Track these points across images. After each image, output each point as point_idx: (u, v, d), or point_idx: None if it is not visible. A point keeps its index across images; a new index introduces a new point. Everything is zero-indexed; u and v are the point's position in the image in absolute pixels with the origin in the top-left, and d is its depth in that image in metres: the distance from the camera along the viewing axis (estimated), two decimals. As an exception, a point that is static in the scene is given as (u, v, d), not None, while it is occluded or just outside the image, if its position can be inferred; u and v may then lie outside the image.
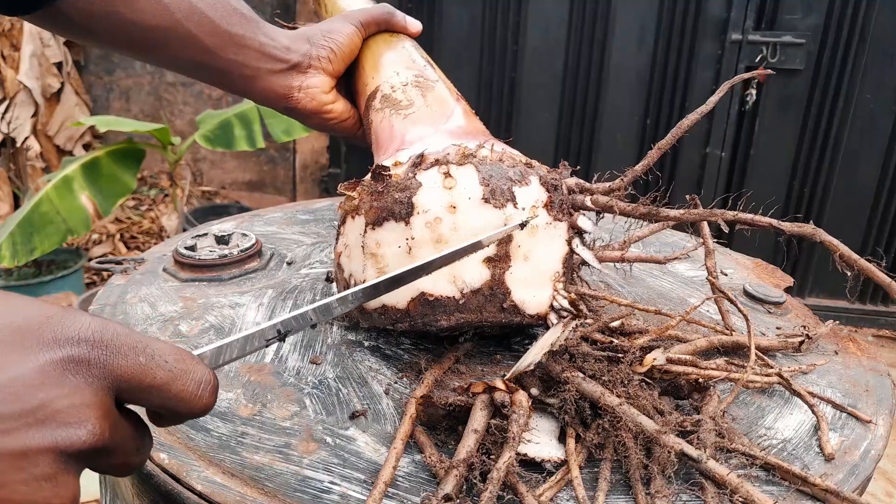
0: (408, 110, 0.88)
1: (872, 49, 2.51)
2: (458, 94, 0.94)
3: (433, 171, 0.73)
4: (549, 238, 0.75)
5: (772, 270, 1.11)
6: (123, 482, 0.71)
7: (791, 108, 2.63)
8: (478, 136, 0.82)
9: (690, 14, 2.58)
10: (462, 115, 0.88)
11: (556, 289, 0.76)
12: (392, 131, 0.87)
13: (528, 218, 0.73)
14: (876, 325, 2.85)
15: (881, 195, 2.67)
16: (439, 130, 0.84)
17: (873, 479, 0.74)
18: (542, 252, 0.75)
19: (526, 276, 0.74)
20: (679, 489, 0.61)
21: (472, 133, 0.84)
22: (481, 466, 0.60)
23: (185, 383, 0.41)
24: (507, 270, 0.73)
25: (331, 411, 0.71)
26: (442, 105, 0.89)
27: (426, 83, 0.92)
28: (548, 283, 0.76)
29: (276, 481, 0.61)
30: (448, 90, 0.92)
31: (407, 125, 0.86)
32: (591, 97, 2.76)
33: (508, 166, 0.74)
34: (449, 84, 0.95)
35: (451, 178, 0.72)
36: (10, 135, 3.44)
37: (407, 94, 0.90)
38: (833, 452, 0.69)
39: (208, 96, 3.70)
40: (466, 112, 0.89)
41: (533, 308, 0.75)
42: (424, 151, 0.76)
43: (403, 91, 0.91)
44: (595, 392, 0.65)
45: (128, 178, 2.64)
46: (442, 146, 0.78)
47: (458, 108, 0.88)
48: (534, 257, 0.74)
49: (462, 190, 0.72)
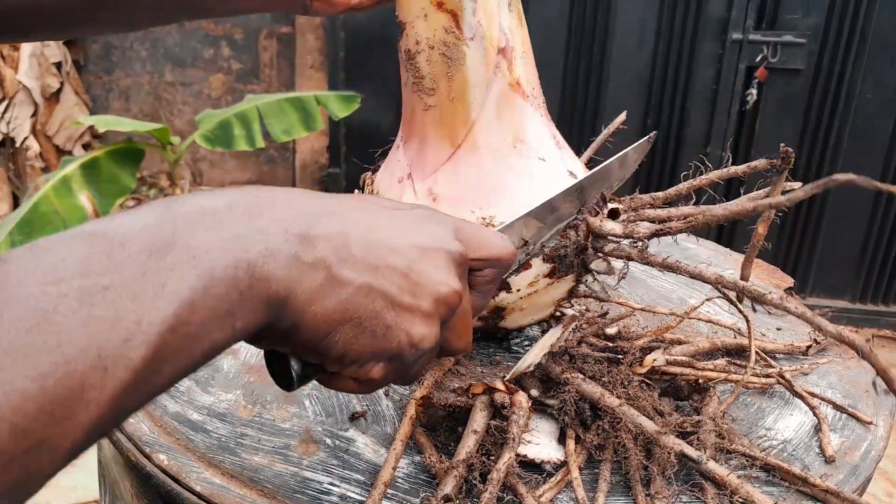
0: (428, 98, 0.69)
1: (873, 49, 2.50)
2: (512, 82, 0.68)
3: None
4: (552, 290, 0.75)
5: (772, 271, 1.11)
6: (123, 483, 0.71)
7: (791, 108, 2.63)
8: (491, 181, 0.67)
9: (691, 14, 2.58)
10: (485, 128, 0.68)
11: (559, 306, 0.78)
12: (411, 125, 0.72)
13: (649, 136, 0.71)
14: (876, 325, 2.85)
15: (881, 195, 2.67)
16: (448, 166, 0.69)
17: (874, 479, 0.74)
18: (542, 301, 0.75)
19: (523, 316, 0.76)
20: (679, 489, 0.61)
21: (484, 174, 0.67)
22: (481, 467, 0.60)
23: (491, 233, 0.53)
24: (501, 321, 0.75)
25: (330, 412, 0.70)
26: (465, 103, 0.68)
27: (456, 49, 0.66)
28: (550, 308, 0.77)
29: (275, 482, 0.61)
30: (483, 74, 0.67)
31: (426, 127, 0.70)
32: (591, 97, 2.76)
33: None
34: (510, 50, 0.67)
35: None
36: (10, 134, 3.44)
37: (432, 63, 0.67)
38: (834, 455, 0.69)
39: (208, 96, 3.70)
40: (496, 116, 0.68)
41: (534, 322, 0.78)
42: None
43: (428, 56, 0.67)
44: (595, 393, 0.64)
45: (127, 177, 2.64)
46: (448, 207, 0.66)
47: (486, 109, 0.68)
48: (531, 308, 0.76)
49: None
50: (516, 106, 0.69)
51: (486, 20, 0.66)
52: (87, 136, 3.67)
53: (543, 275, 0.72)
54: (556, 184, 0.68)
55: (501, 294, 0.71)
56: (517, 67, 0.69)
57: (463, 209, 0.67)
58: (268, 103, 2.78)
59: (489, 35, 0.67)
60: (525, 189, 0.68)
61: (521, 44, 0.70)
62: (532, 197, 0.66)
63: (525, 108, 0.70)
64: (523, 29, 0.70)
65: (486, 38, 0.67)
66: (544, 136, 0.72)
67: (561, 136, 0.76)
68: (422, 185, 0.70)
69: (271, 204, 0.42)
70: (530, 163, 0.70)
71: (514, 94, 0.69)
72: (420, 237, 0.47)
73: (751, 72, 2.58)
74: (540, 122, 0.71)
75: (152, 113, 3.73)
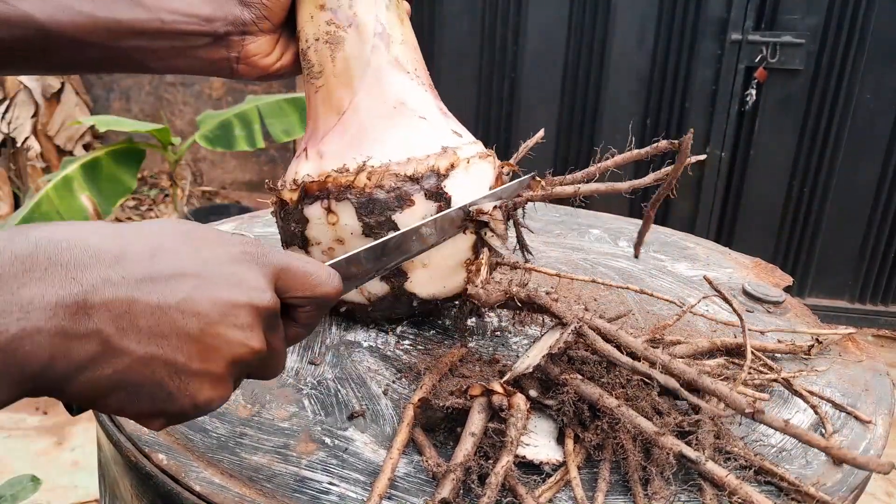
0: (317, 81, 0.78)
1: (872, 49, 2.50)
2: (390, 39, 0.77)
3: (317, 205, 0.75)
4: (450, 244, 0.75)
5: (771, 269, 1.11)
6: (122, 482, 0.71)
7: (791, 108, 2.63)
8: (371, 135, 0.75)
9: (690, 14, 2.58)
10: (366, 94, 0.76)
11: (469, 270, 0.78)
12: (309, 111, 0.80)
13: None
14: (876, 325, 2.85)
15: (881, 195, 2.67)
16: (335, 129, 0.76)
17: (873, 478, 0.74)
18: (442, 255, 0.76)
19: (429, 277, 0.77)
20: (678, 489, 0.61)
21: (365, 129, 0.75)
22: (479, 470, 0.60)
23: (318, 269, 0.52)
24: (406, 281, 0.77)
25: (329, 412, 0.71)
26: (347, 77, 0.77)
27: (336, 34, 0.77)
28: (459, 270, 0.78)
29: (274, 482, 0.61)
30: (361, 52, 0.76)
31: (317, 107, 0.79)
32: (591, 97, 2.76)
33: (387, 191, 0.72)
34: (384, 22, 0.77)
35: (333, 214, 0.74)
36: (11, 135, 3.44)
37: (318, 52, 0.78)
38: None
39: (208, 96, 3.70)
40: (376, 84, 0.76)
41: (448, 293, 0.79)
42: (305, 178, 0.75)
43: (315, 48, 0.78)
44: (594, 394, 0.64)
45: (128, 178, 2.64)
46: (332, 160, 0.75)
47: (367, 79, 0.76)
48: (434, 262, 0.76)
49: (344, 226, 0.74)
50: (396, 77, 0.77)
51: (362, 12, 0.77)
52: (87, 136, 3.67)
53: (432, 214, 0.73)
54: (435, 135, 0.76)
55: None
56: (395, 49, 0.78)
57: (347, 157, 0.74)
58: (268, 104, 2.78)
59: (364, 22, 0.77)
60: (403, 137, 0.75)
61: (401, 35, 0.79)
62: (408, 141, 0.75)
63: (406, 80, 0.78)
64: (404, 27, 0.80)
65: (361, 25, 0.77)
66: (428, 103, 0.79)
67: (449, 112, 0.82)
68: (312, 150, 0.77)
69: (48, 261, 0.39)
70: (411, 120, 0.77)
71: (393, 68, 0.77)
72: (224, 291, 0.45)
73: (750, 72, 2.58)
74: (423, 94, 0.79)
75: (153, 113, 3.73)
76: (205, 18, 0.74)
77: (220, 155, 3.79)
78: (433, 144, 0.75)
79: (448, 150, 0.75)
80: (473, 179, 0.76)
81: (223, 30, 0.75)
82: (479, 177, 0.77)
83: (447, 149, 0.75)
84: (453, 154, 0.75)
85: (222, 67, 0.78)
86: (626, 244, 1.16)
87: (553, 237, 1.17)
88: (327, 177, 0.74)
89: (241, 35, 0.76)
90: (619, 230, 1.22)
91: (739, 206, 2.75)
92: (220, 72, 0.79)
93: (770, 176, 2.70)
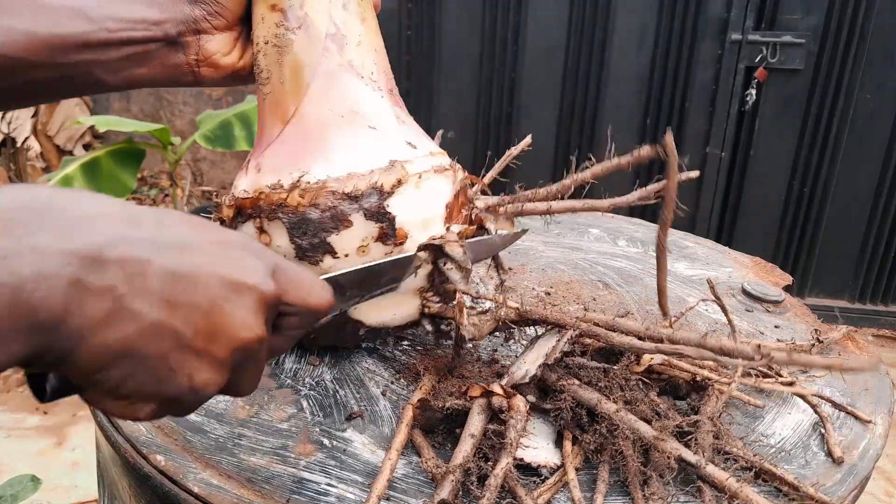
0: (265, 87, 0.73)
1: (872, 49, 2.50)
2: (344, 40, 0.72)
3: (249, 224, 0.69)
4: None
5: (770, 269, 1.11)
6: (121, 483, 0.71)
7: (791, 108, 2.62)
8: (313, 147, 0.69)
9: (690, 14, 2.58)
10: (313, 101, 0.71)
11: (424, 298, 0.73)
12: (258, 121, 0.75)
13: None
14: (876, 325, 2.85)
15: (881, 195, 2.66)
16: (277, 141, 0.71)
17: (872, 478, 0.74)
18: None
19: (377, 304, 0.71)
20: (677, 491, 0.61)
21: (308, 141, 0.70)
22: (478, 471, 0.60)
23: (312, 278, 0.50)
24: (353, 308, 0.71)
25: (328, 413, 0.70)
26: (295, 83, 0.71)
27: (285, 36, 0.72)
28: (411, 297, 0.73)
29: (272, 483, 0.61)
30: (310, 56, 0.71)
31: (265, 117, 0.73)
32: (591, 97, 2.76)
33: (321, 211, 0.66)
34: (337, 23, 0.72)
35: (266, 234, 0.68)
36: (11, 135, 3.44)
37: (267, 56, 0.73)
38: (843, 455, 0.68)
39: (208, 96, 3.70)
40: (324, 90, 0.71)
41: (400, 321, 0.74)
42: (240, 194, 0.70)
43: (264, 52, 0.73)
44: (592, 399, 0.64)
45: (128, 178, 2.64)
46: (269, 175, 0.69)
47: (314, 85, 0.71)
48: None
49: (277, 248, 0.68)
50: (347, 83, 0.72)
51: (313, 12, 0.72)
52: (87, 136, 3.68)
53: (373, 237, 0.67)
54: (383, 147, 0.70)
55: (327, 259, 0.68)
56: (349, 52, 0.72)
57: (284, 172, 0.69)
58: (268, 104, 2.78)
59: (316, 22, 0.72)
60: (348, 149, 0.69)
61: (358, 35, 0.74)
62: (352, 154, 0.69)
63: (359, 86, 0.72)
64: (365, 26, 0.74)
65: (312, 26, 0.72)
66: (382, 111, 0.73)
67: (411, 119, 0.76)
68: (253, 163, 0.72)
69: (61, 212, 0.37)
70: (358, 130, 0.71)
71: (345, 73, 0.72)
72: (233, 270, 0.43)
73: (750, 72, 2.57)
74: (378, 100, 0.73)
75: (153, 113, 3.73)
76: (153, 22, 0.71)
77: (220, 155, 3.79)
78: (380, 158, 0.69)
79: (396, 164, 0.69)
80: (425, 197, 0.70)
81: (175, 31, 0.72)
82: (432, 194, 0.71)
83: (395, 163, 0.69)
84: (401, 169, 0.69)
85: (184, 73, 0.75)
86: (626, 243, 1.16)
87: (552, 237, 1.17)
88: (260, 193, 0.68)
89: (196, 34, 0.73)
90: (619, 230, 1.22)
91: (739, 206, 2.75)
92: (182, 77, 0.75)
93: (770, 176, 2.70)
